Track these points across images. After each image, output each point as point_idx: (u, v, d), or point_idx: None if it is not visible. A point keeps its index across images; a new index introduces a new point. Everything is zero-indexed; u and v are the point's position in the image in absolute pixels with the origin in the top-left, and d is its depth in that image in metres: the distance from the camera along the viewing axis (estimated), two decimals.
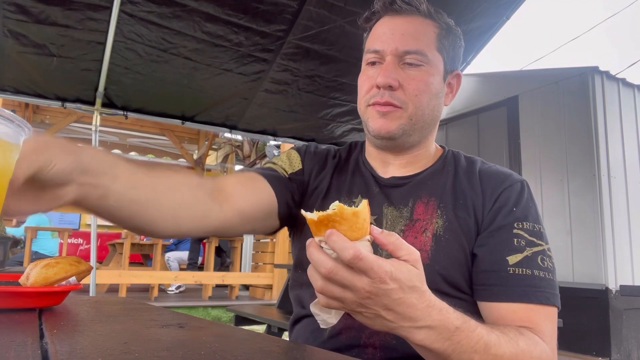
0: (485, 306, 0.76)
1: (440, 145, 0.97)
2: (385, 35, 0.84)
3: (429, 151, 0.92)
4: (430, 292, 0.57)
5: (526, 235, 0.77)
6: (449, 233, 0.79)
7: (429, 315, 0.56)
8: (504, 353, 0.63)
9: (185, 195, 0.72)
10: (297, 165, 0.94)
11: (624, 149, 3.98)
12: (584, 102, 3.92)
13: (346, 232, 0.52)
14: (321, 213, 0.52)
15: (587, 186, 3.83)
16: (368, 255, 0.51)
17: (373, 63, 0.85)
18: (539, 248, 0.76)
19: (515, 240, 0.76)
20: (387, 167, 0.92)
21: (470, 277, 0.79)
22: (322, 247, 0.53)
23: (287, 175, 0.91)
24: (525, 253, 0.75)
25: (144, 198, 0.65)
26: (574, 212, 3.90)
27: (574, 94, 4.03)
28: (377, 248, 0.79)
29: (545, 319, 0.72)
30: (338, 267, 0.51)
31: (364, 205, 0.52)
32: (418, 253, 0.55)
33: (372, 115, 0.84)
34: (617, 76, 4.10)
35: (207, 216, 0.74)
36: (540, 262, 0.75)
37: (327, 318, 0.59)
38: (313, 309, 0.59)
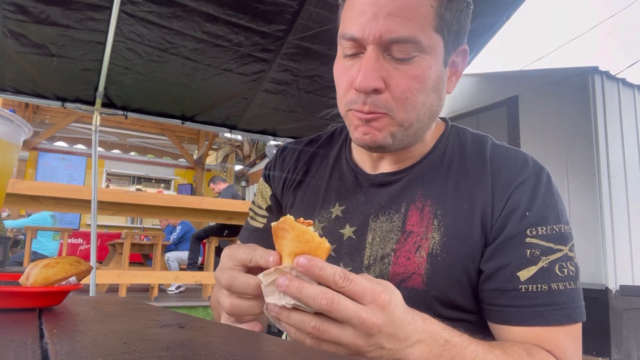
0: (497, 328, 0.67)
1: (441, 118, 0.80)
2: (365, 15, 0.63)
3: (427, 139, 0.76)
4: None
5: (542, 242, 0.65)
6: (447, 251, 0.68)
7: (416, 326, 0.52)
8: None
9: None
10: (267, 192, 0.91)
11: (624, 149, 3.98)
12: (584, 102, 3.92)
13: (292, 240, 0.49)
14: (274, 223, 0.51)
15: (587, 186, 3.83)
16: (356, 276, 0.48)
17: (352, 55, 0.68)
18: (558, 254, 0.65)
19: (529, 251, 0.65)
20: (379, 161, 0.78)
21: (475, 294, 0.69)
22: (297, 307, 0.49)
23: (265, 213, 0.90)
24: (540, 264, 0.64)
25: None
26: (574, 212, 3.89)
27: (574, 94, 4.03)
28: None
29: (566, 338, 0.62)
30: (340, 296, 0.47)
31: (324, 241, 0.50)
32: (385, 293, 0.49)
33: (354, 122, 0.69)
34: (617, 76, 4.10)
35: None
36: (558, 272, 0.64)
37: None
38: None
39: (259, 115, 3.50)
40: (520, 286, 0.64)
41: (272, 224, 0.51)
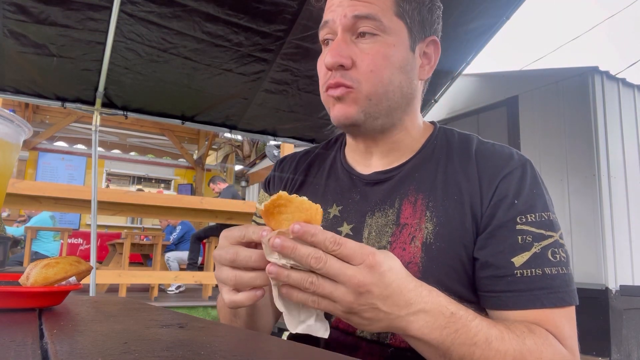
0: (495, 314, 0.68)
1: (430, 122, 0.87)
2: (334, 4, 0.76)
3: (412, 134, 0.81)
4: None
5: (532, 229, 0.68)
6: (441, 240, 0.71)
7: (420, 296, 0.55)
8: (507, 349, 0.58)
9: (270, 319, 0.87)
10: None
11: (624, 149, 3.98)
12: (584, 102, 3.92)
13: (293, 212, 0.52)
14: (266, 203, 0.53)
15: (587, 186, 3.83)
16: (347, 240, 0.51)
17: (327, 43, 0.78)
18: (549, 240, 0.67)
19: (520, 237, 0.67)
20: (369, 158, 0.83)
21: (471, 282, 0.71)
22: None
23: None
24: (533, 250, 0.66)
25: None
26: (574, 212, 3.89)
27: (574, 94, 4.03)
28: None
29: (562, 319, 0.65)
30: (328, 256, 0.51)
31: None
32: (376, 254, 0.53)
33: (329, 102, 0.76)
34: (617, 76, 4.10)
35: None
36: (551, 257, 0.66)
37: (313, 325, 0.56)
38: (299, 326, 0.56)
39: (259, 115, 3.50)
40: (515, 271, 0.66)
41: (264, 204, 0.53)
